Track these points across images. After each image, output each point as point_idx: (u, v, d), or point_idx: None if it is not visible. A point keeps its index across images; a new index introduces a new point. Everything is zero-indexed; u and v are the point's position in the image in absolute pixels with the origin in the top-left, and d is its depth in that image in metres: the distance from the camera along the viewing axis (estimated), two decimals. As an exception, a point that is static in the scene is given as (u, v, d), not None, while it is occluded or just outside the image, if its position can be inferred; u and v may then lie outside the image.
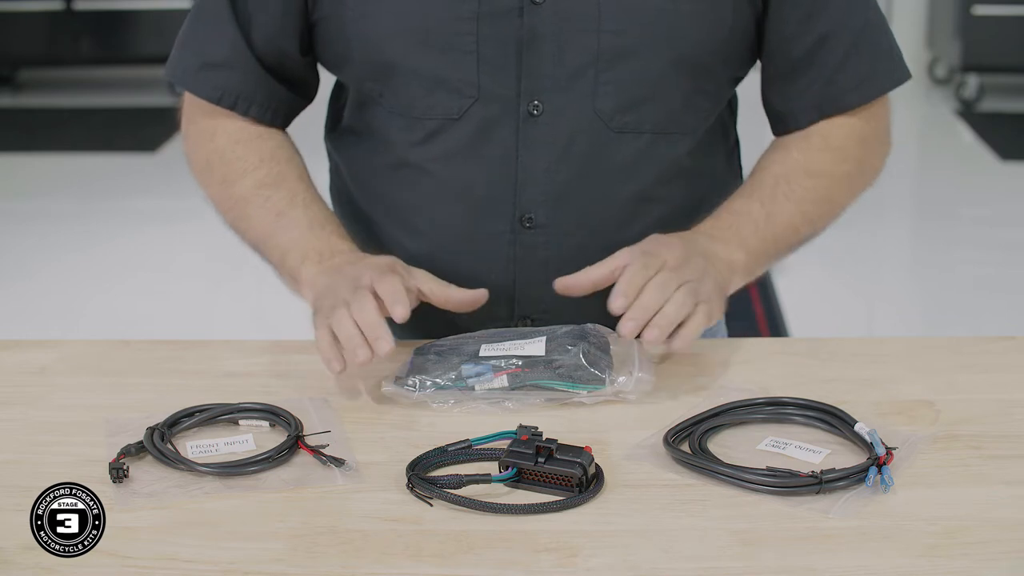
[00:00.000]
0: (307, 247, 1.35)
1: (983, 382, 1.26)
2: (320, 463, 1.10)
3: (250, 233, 1.41)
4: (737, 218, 1.38)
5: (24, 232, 4.38)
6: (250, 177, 1.41)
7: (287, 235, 1.37)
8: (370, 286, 1.24)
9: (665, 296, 1.24)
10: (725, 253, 1.34)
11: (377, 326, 1.21)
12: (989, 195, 4.74)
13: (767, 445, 1.13)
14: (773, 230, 1.38)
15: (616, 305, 1.24)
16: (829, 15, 1.38)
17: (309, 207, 1.40)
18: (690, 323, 1.24)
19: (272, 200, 1.40)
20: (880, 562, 0.96)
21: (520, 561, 0.96)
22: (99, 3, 6.02)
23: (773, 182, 1.40)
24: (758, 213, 1.38)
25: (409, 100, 1.37)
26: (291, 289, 1.38)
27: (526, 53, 1.33)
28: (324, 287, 1.29)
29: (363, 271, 1.28)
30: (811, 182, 1.40)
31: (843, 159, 1.42)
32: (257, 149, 1.43)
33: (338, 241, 1.37)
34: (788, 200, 1.39)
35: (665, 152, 1.39)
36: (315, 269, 1.33)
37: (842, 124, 1.42)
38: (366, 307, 1.22)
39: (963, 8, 5.78)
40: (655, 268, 1.26)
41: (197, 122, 1.46)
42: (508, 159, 1.37)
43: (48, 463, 1.11)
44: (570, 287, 1.31)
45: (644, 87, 1.35)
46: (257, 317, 3.49)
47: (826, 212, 1.42)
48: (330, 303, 1.25)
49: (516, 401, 1.21)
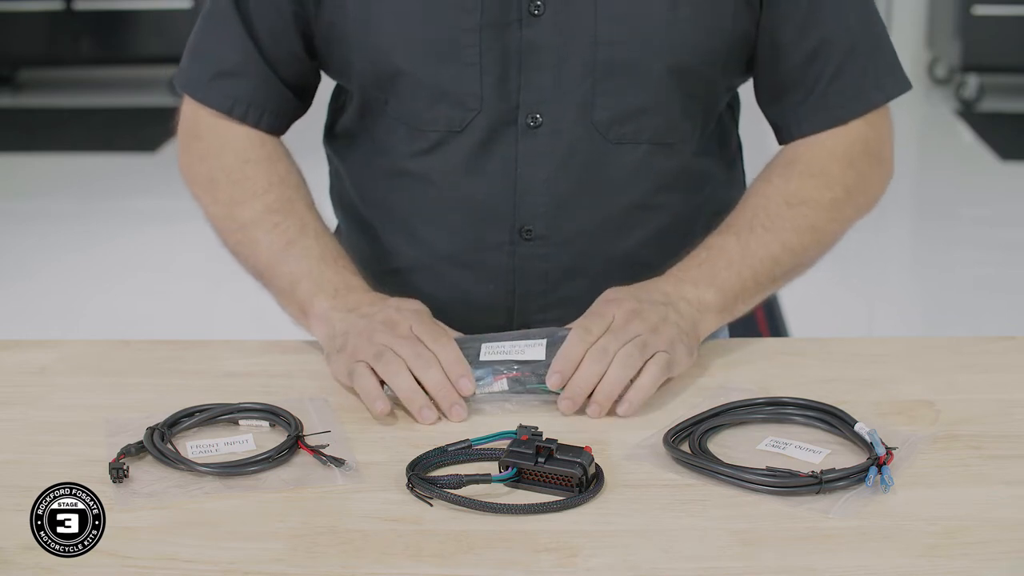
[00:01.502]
0: (320, 279, 1.32)
1: (983, 382, 1.26)
2: (320, 463, 1.10)
3: (254, 259, 1.37)
4: (710, 254, 1.33)
5: (24, 232, 4.38)
6: (259, 201, 1.38)
7: (298, 265, 1.33)
8: (413, 334, 1.22)
9: (605, 362, 1.18)
10: (693, 294, 1.29)
11: (452, 392, 1.19)
12: (989, 195, 4.74)
13: (767, 445, 1.13)
14: (750, 263, 1.32)
15: (551, 383, 1.19)
16: (825, 24, 1.35)
17: (320, 238, 1.36)
18: (640, 380, 1.19)
19: (281, 227, 1.36)
20: (880, 562, 0.96)
21: (520, 561, 0.96)
22: (99, 3, 6.02)
23: (751, 214, 1.35)
24: (733, 248, 1.33)
25: (413, 110, 1.37)
26: (296, 320, 1.35)
27: (525, 65, 1.33)
28: (346, 326, 1.26)
29: (397, 317, 1.24)
30: (791, 211, 1.35)
31: (827, 185, 1.37)
32: (267, 172, 1.39)
33: (352, 277, 1.33)
34: (767, 231, 1.34)
35: (664, 161, 1.39)
36: (329, 304, 1.29)
37: (831, 146, 1.38)
38: (433, 369, 1.19)
39: (963, 8, 5.78)
40: (597, 332, 1.21)
41: (202, 137, 1.42)
42: (508, 171, 1.36)
43: (48, 463, 1.11)
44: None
45: (641, 98, 1.35)
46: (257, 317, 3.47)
47: (811, 242, 1.36)
48: (369, 350, 1.21)
49: (516, 402, 1.21)
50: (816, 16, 1.35)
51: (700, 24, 1.33)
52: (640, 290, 1.28)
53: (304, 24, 1.39)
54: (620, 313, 1.23)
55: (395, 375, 1.19)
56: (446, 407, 1.18)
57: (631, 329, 1.21)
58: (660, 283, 1.30)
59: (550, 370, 1.20)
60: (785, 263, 1.35)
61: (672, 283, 1.30)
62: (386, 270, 1.43)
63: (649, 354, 1.20)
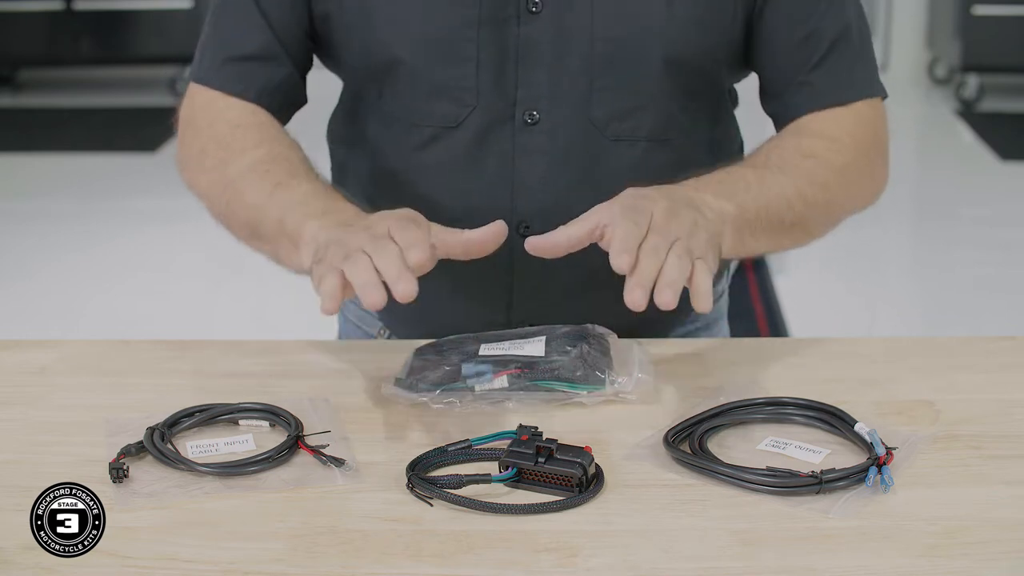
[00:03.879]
0: (310, 207, 1.23)
1: (983, 382, 1.26)
2: (320, 463, 1.10)
3: (243, 210, 1.29)
4: (728, 175, 1.28)
5: (24, 232, 4.39)
6: (248, 155, 1.32)
7: (286, 201, 1.25)
8: (388, 234, 1.11)
9: (660, 259, 1.11)
10: (714, 202, 1.22)
11: (402, 269, 1.07)
12: (989, 195, 4.74)
13: (767, 445, 1.13)
14: (765, 195, 1.27)
15: (621, 262, 1.09)
16: (818, 16, 1.36)
17: (312, 179, 1.29)
18: (696, 282, 1.11)
19: (271, 173, 1.29)
20: (880, 562, 0.96)
21: (520, 561, 0.96)
22: (99, 3, 6.02)
23: (765, 156, 1.33)
24: (750, 176, 1.29)
25: (408, 105, 1.37)
26: (286, 263, 1.25)
27: (522, 62, 1.33)
28: (330, 239, 1.15)
29: (379, 220, 1.15)
30: (806, 162, 1.33)
31: (839, 150, 1.35)
32: (257, 131, 1.35)
33: (344, 203, 1.25)
34: (782, 173, 1.31)
35: (662, 158, 1.38)
36: (318, 223, 1.20)
37: (840, 117, 1.38)
38: (389, 251, 1.08)
39: (963, 8, 5.79)
40: (644, 226, 1.13)
41: (194, 120, 1.40)
42: (504, 167, 1.36)
43: (48, 463, 1.11)
44: (543, 248, 1.18)
45: (639, 95, 1.35)
46: (257, 317, 3.48)
47: (822, 201, 1.33)
48: (341, 252, 1.10)
49: (516, 401, 1.21)
50: (809, 8, 1.35)
51: (698, 20, 1.33)
52: (666, 193, 1.20)
53: (309, 5, 1.38)
54: (658, 211, 1.14)
55: (353, 265, 1.08)
56: (391, 282, 1.07)
57: (672, 230, 1.13)
58: (681, 187, 1.24)
59: (614, 250, 1.10)
60: (797, 210, 1.31)
61: (692, 189, 1.24)
62: None
63: (692, 259, 1.12)
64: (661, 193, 1.19)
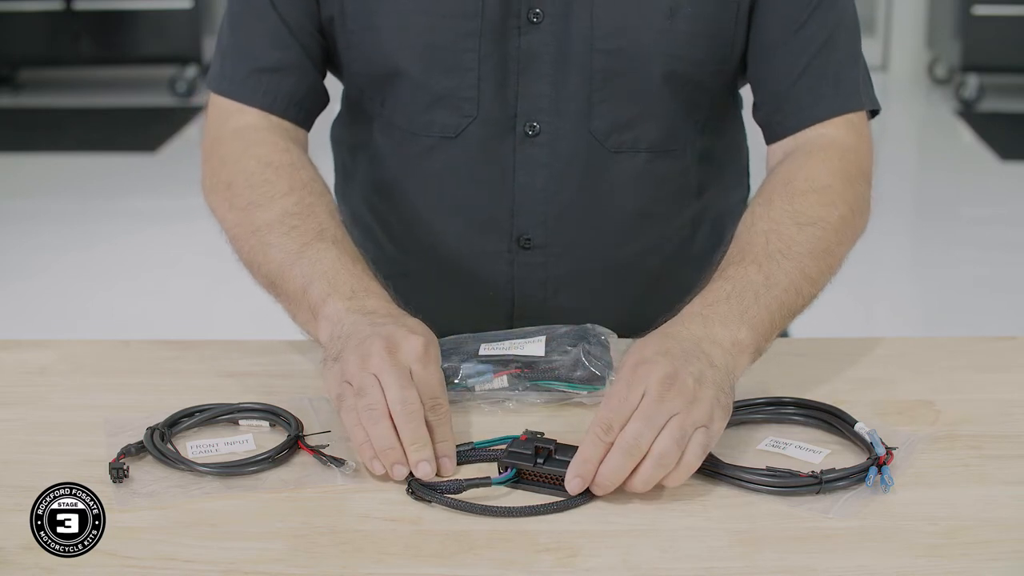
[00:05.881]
0: (336, 280, 1.21)
1: (983, 382, 1.26)
2: (320, 463, 1.10)
3: (267, 263, 1.26)
4: (734, 287, 1.18)
5: (24, 232, 4.38)
6: (278, 204, 1.28)
7: (312, 267, 1.22)
8: (390, 412, 1.08)
9: (637, 457, 1.02)
10: (727, 335, 1.13)
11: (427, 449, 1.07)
12: (989, 195, 4.73)
13: (767, 445, 1.13)
14: (776, 295, 1.19)
15: (571, 488, 1.03)
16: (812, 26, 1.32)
17: (339, 243, 1.26)
18: (684, 461, 1.03)
19: (299, 230, 1.26)
20: (880, 562, 0.96)
21: (520, 561, 0.96)
22: (99, 3, 6.01)
23: (764, 240, 1.23)
24: (756, 278, 1.19)
25: (408, 114, 1.36)
26: (305, 328, 1.25)
27: (523, 73, 1.33)
28: (351, 330, 1.15)
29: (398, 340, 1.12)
30: (803, 233, 1.24)
31: (832, 202, 1.27)
32: (288, 177, 1.31)
33: (370, 281, 1.22)
34: (785, 258, 1.21)
35: (663, 169, 1.38)
36: (344, 305, 1.18)
37: (824, 159, 1.31)
38: (413, 421, 1.07)
39: (963, 8, 5.78)
40: (634, 402, 1.04)
41: (224, 142, 1.36)
42: (505, 179, 1.36)
43: (48, 463, 1.11)
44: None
45: (639, 106, 1.34)
46: (257, 317, 3.48)
47: (825, 267, 1.25)
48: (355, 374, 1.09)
49: (516, 401, 1.21)
50: (803, 18, 1.32)
51: (698, 32, 1.32)
52: (668, 339, 1.11)
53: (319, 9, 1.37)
54: (654, 383, 1.05)
55: (374, 424, 1.07)
56: (412, 464, 1.07)
57: (667, 407, 1.04)
58: (688, 325, 1.14)
59: (569, 474, 1.03)
60: (805, 293, 1.23)
61: (700, 324, 1.14)
62: (386, 275, 1.43)
63: (687, 439, 1.03)
64: (664, 349, 1.09)
